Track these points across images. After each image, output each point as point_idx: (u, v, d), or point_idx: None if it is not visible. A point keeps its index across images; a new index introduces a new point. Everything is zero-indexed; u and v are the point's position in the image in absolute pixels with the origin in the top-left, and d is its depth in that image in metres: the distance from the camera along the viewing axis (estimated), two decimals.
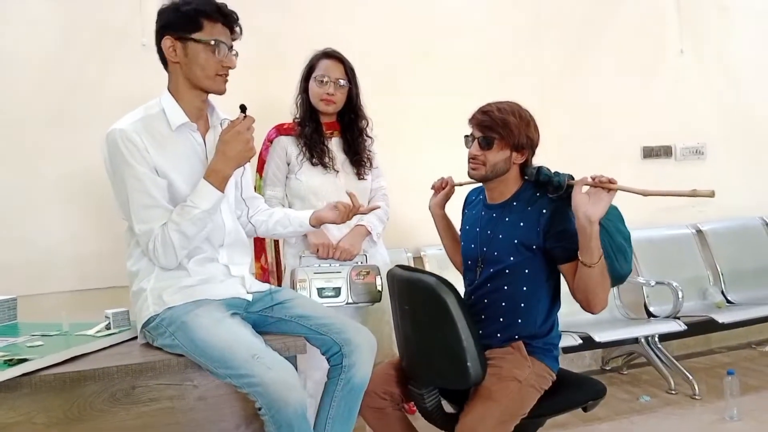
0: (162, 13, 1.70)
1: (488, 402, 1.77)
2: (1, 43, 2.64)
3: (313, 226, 2.00)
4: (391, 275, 1.98)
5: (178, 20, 1.68)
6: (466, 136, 1.99)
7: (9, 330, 1.88)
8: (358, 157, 2.39)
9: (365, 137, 2.43)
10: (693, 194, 1.64)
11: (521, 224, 1.91)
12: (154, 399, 1.60)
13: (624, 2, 3.82)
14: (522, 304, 1.92)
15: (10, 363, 1.45)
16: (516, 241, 1.91)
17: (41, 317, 2.03)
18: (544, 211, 1.89)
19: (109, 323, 1.81)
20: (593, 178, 1.77)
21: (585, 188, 1.78)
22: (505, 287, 1.93)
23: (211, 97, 1.80)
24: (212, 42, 1.67)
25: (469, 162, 1.96)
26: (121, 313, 1.84)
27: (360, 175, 2.39)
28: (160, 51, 1.72)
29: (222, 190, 1.68)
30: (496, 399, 1.77)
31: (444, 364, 1.79)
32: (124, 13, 2.78)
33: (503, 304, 1.92)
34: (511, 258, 1.91)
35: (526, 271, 1.92)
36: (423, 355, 1.85)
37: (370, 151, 2.43)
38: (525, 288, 1.92)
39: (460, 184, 2.26)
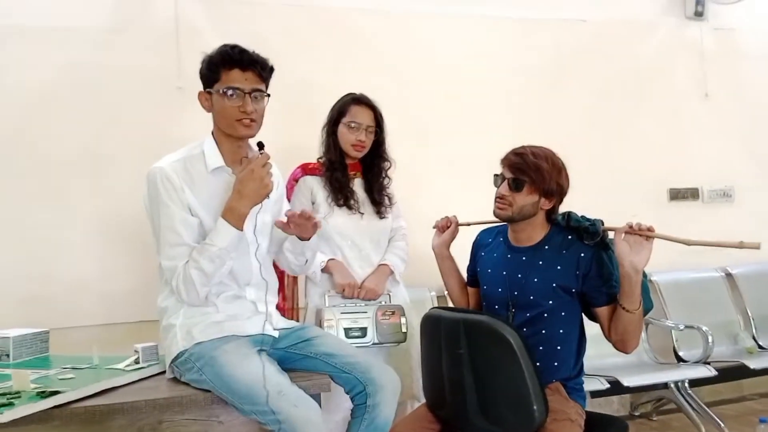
0: (201, 69, 1.80)
1: None
2: (40, 85, 2.74)
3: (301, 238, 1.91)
4: (433, 318, 1.92)
5: (204, 75, 1.79)
6: (496, 175, 2.00)
7: (41, 362, 1.92)
8: (378, 196, 2.42)
9: (385, 177, 2.46)
10: (740, 246, 1.60)
11: (558, 268, 1.91)
12: None
13: (647, 46, 3.85)
14: (558, 347, 1.91)
15: (43, 395, 1.48)
16: (554, 285, 1.90)
17: (72, 350, 2.06)
18: (582, 255, 1.90)
19: (138, 357, 1.84)
20: (630, 226, 1.77)
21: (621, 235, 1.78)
22: (543, 331, 1.91)
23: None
24: (221, 91, 1.74)
25: (496, 201, 1.97)
26: (150, 348, 1.87)
27: (380, 215, 2.41)
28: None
29: (240, 228, 1.70)
30: None
31: (506, 408, 1.73)
32: (160, 57, 2.88)
33: (540, 348, 1.89)
34: (550, 302, 1.90)
35: (563, 314, 1.91)
36: (480, 401, 1.75)
37: (388, 188, 2.47)
38: (561, 331, 1.91)
39: (467, 224, 2.27)
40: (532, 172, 1.90)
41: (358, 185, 2.43)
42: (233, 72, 1.73)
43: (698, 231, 1.86)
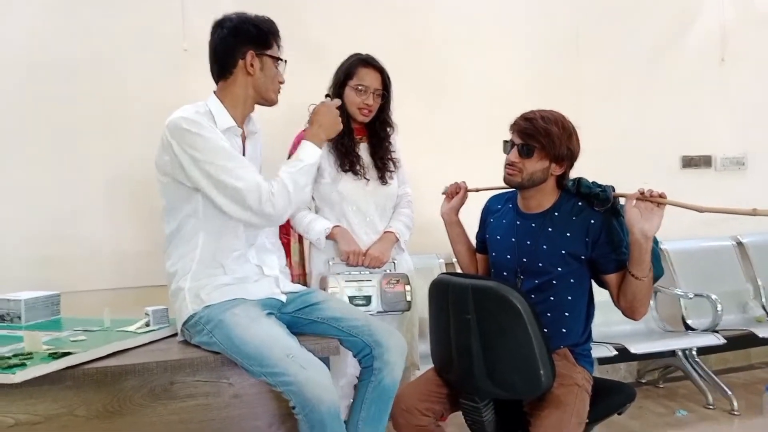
0: (241, 29, 1.79)
1: (561, 408, 1.74)
2: (49, 49, 2.72)
3: None
4: (442, 283, 1.92)
5: (259, 37, 1.79)
6: (506, 142, 1.97)
7: (53, 324, 1.94)
8: (382, 161, 2.38)
9: (389, 142, 2.42)
10: (753, 213, 1.59)
11: (567, 234, 1.90)
12: (190, 395, 1.63)
13: (663, 12, 3.77)
14: (567, 314, 1.91)
15: (55, 356, 1.50)
16: (563, 252, 1.89)
17: (83, 313, 2.09)
18: (593, 221, 1.88)
19: (149, 320, 1.85)
20: (642, 193, 1.75)
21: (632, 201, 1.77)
22: (551, 298, 1.91)
23: None
24: (283, 59, 1.85)
25: (505, 168, 1.95)
26: (161, 311, 1.88)
27: (383, 180, 2.37)
28: (228, 60, 1.79)
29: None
30: (568, 404, 1.75)
31: (513, 373, 1.74)
32: (166, 19, 2.84)
33: (548, 314, 1.89)
34: (559, 268, 1.90)
35: (572, 280, 1.91)
36: (487, 365, 1.76)
37: (393, 152, 2.42)
38: (570, 297, 1.91)
39: (476, 190, 2.25)
40: (542, 137, 1.87)
41: (363, 150, 2.38)
42: (276, 45, 1.85)
43: (710, 199, 1.83)
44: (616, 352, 2.94)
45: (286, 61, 1.86)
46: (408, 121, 2.49)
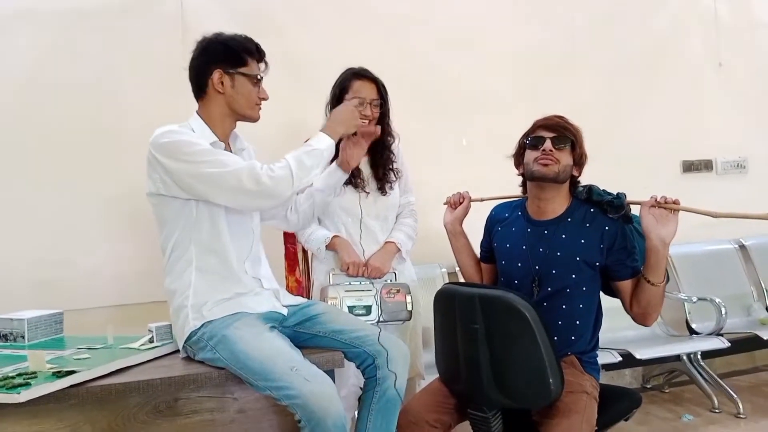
0: (209, 48, 1.80)
1: (571, 416, 1.74)
2: (48, 70, 2.73)
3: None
4: (448, 293, 1.91)
5: (228, 55, 1.79)
6: (533, 137, 1.96)
7: (56, 343, 1.94)
8: (383, 172, 2.38)
9: (390, 152, 2.41)
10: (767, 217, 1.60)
11: (582, 241, 1.90)
12: (195, 411, 1.63)
13: (661, 17, 3.79)
14: (577, 322, 1.91)
15: (59, 375, 1.50)
16: (578, 259, 1.89)
17: (86, 331, 2.08)
18: (607, 228, 1.89)
19: (153, 336, 1.84)
20: (656, 200, 1.77)
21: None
22: (563, 306, 1.91)
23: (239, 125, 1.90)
24: (258, 77, 1.83)
25: (540, 159, 1.91)
26: (164, 327, 1.87)
27: (383, 191, 2.37)
28: (200, 79, 1.81)
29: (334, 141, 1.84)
30: (578, 412, 1.75)
31: (521, 382, 1.73)
32: (165, 39, 2.86)
33: (559, 322, 1.89)
34: (573, 276, 1.90)
35: (584, 288, 1.91)
36: (496, 375, 1.75)
37: (394, 163, 2.41)
38: (581, 305, 1.91)
39: (481, 200, 2.25)
40: (573, 134, 1.93)
41: (363, 163, 2.38)
42: (256, 62, 1.83)
43: (713, 203, 1.84)
44: (620, 358, 2.92)
45: (261, 78, 1.83)
46: (407, 131, 2.49)
